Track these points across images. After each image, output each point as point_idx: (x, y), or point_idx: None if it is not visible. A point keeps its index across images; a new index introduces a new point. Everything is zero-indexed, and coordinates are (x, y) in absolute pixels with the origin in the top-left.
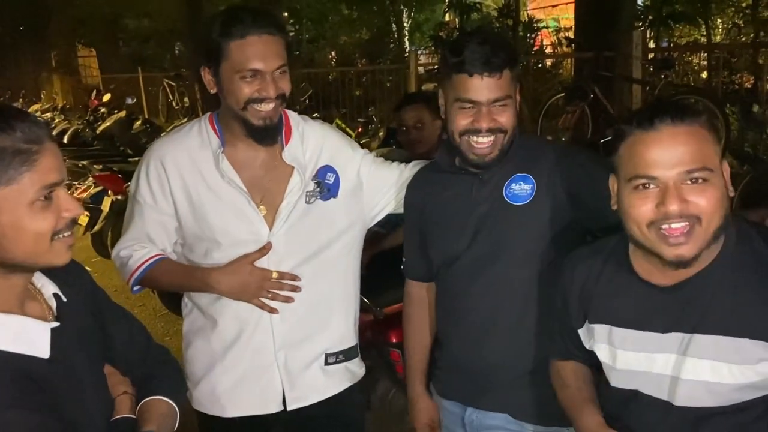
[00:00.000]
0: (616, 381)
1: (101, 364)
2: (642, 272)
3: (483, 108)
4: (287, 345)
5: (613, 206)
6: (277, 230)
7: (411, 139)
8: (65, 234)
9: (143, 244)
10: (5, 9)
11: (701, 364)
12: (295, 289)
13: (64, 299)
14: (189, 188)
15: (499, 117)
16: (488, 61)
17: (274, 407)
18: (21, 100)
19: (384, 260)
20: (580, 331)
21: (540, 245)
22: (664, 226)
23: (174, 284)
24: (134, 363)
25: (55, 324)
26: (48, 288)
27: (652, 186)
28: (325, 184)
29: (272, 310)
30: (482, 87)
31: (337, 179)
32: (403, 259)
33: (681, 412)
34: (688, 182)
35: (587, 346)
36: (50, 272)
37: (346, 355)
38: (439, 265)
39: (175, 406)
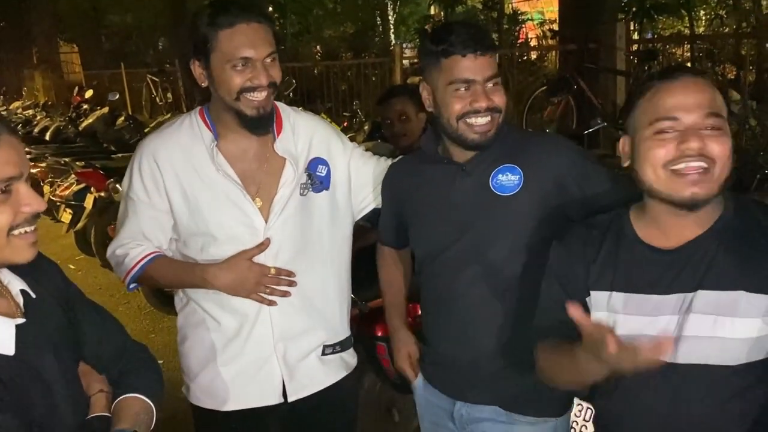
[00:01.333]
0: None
1: (73, 362)
2: (644, 236)
3: (479, 87)
4: (286, 337)
5: (624, 163)
6: (272, 223)
7: (395, 133)
8: (26, 229)
9: (139, 241)
10: None
11: (704, 320)
12: (292, 284)
13: (33, 296)
14: (183, 183)
15: (494, 96)
16: (479, 40)
17: (274, 399)
18: (1, 96)
19: (368, 254)
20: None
21: (528, 235)
22: (681, 165)
23: (171, 281)
24: (109, 361)
25: (21, 321)
26: (15, 284)
27: (671, 132)
28: (317, 176)
29: (271, 303)
30: (476, 65)
31: (328, 171)
32: (378, 228)
33: (683, 370)
34: (706, 130)
35: (593, 317)
36: (19, 269)
37: (342, 345)
38: (423, 258)
39: (152, 404)
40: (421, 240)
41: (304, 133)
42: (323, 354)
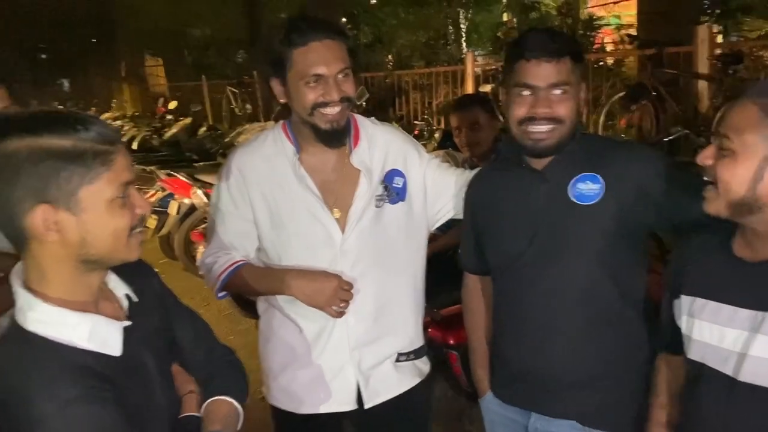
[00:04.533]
0: (689, 352)
1: (169, 363)
2: (736, 248)
3: (540, 93)
4: (361, 344)
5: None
6: (348, 234)
7: (466, 141)
8: (139, 230)
9: (226, 251)
10: (77, 23)
11: None
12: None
13: (135, 299)
14: (266, 195)
15: (557, 106)
16: (546, 46)
17: (349, 405)
18: (93, 108)
19: (440, 262)
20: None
21: (605, 246)
22: None
23: (255, 288)
24: (199, 362)
25: (127, 323)
26: (120, 289)
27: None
28: (393, 188)
29: (339, 316)
30: (539, 71)
31: (405, 183)
32: (459, 251)
33: (745, 389)
34: None
35: (678, 324)
36: (123, 273)
37: (416, 353)
38: (497, 266)
39: (239, 407)
40: (495, 248)
41: (380, 146)
42: (397, 361)
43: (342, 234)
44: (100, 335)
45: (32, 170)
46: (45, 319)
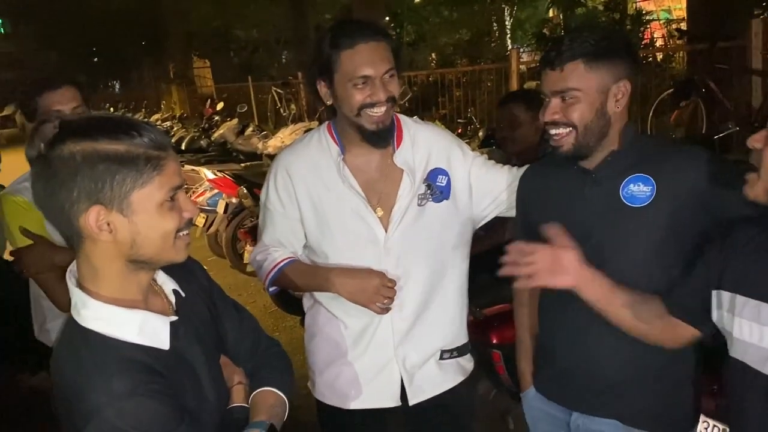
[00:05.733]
0: (732, 351)
1: (217, 356)
2: None
3: (551, 101)
4: (406, 341)
5: None
6: (392, 232)
7: (505, 138)
8: (185, 232)
9: (276, 248)
10: (127, 28)
11: None
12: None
13: (183, 295)
14: (312, 194)
15: (567, 111)
16: (553, 54)
17: (393, 401)
18: (143, 110)
19: (482, 261)
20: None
21: (654, 248)
22: None
23: (302, 284)
24: (246, 354)
25: (174, 318)
26: (168, 285)
27: None
28: (437, 187)
29: (383, 312)
30: (546, 79)
31: (448, 182)
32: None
33: None
34: None
35: (713, 317)
36: (170, 269)
37: (459, 351)
38: None
39: (285, 398)
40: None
41: (423, 145)
42: (441, 359)
43: (385, 232)
44: (150, 330)
45: (88, 173)
46: (98, 315)
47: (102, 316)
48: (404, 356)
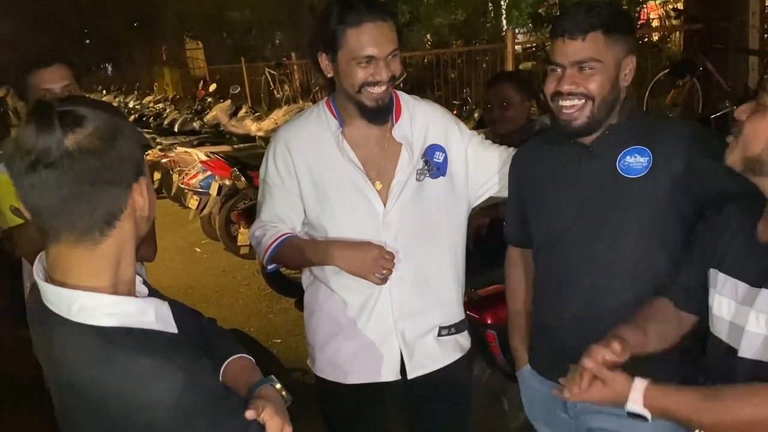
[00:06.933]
0: (712, 327)
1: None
2: (761, 226)
3: (567, 71)
4: (405, 316)
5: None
6: (390, 206)
7: (492, 118)
8: None
9: (274, 224)
10: (119, 9)
11: (760, 318)
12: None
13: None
14: (311, 168)
15: (585, 81)
16: (571, 23)
17: (392, 375)
18: (136, 92)
19: (478, 242)
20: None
21: (652, 220)
22: None
23: (301, 259)
24: (193, 334)
25: (167, 300)
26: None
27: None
28: (434, 163)
29: (382, 282)
30: (564, 49)
31: (445, 158)
32: (504, 224)
33: (744, 363)
34: None
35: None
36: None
37: (457, 328)
38: (541, 240)
39: (251, 359)
40: (540, 221)
41: (421, 121)
42: (439, 335)
43: (384, 206)
44: (162, 316)
45: (135, 145)
46: (114, 311)
47: (118, 311)
48: (403, 330)
